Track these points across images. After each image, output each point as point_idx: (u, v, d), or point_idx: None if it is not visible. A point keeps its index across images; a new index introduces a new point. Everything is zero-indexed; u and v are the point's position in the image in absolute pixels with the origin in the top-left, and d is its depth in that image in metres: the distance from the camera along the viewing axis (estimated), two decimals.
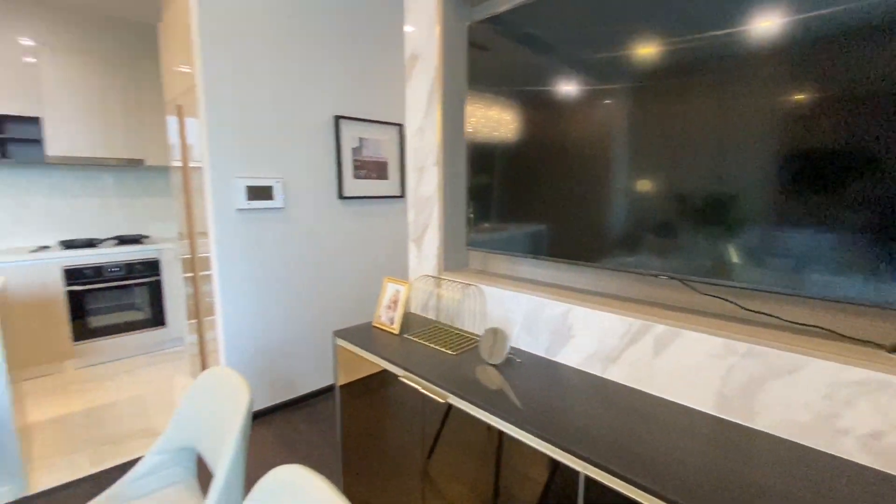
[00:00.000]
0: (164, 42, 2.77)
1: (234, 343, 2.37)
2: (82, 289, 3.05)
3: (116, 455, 2.13)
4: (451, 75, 1.68)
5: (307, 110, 2.50)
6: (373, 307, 2.94)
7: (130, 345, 3.31)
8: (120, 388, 2.83)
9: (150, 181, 3.73)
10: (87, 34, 3.21)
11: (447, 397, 1.22)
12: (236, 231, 2.31)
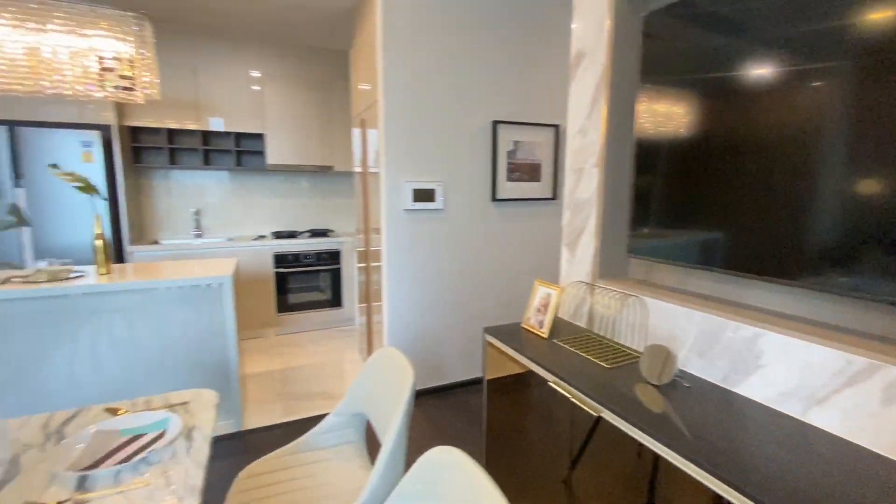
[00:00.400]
0: (354, 65, 3.24)
1: (396, 327, 2.65)
2: (285, 271, 3.78)
3: (301, 410, 2.58)
4: (620, 71, 1.59)
5: (468, 117, 2.65)
6: (520, 308, 2.96)
7: (315, 320, 3.97)
8: (306, 355, 3.42)
9: (337, 184, 4.41)
10: (296, 64, 3.95)
11: (600, 411, 1.16)
12: (403, 229, 2.57)
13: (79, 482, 0.89)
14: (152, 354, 2.16)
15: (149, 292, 2.13)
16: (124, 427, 1.07)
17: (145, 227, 3.74)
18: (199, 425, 1.10)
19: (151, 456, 0.97)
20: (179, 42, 3.51)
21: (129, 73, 2.10)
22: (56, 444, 1.02)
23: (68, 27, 1.98)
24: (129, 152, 3.42)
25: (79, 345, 2.03)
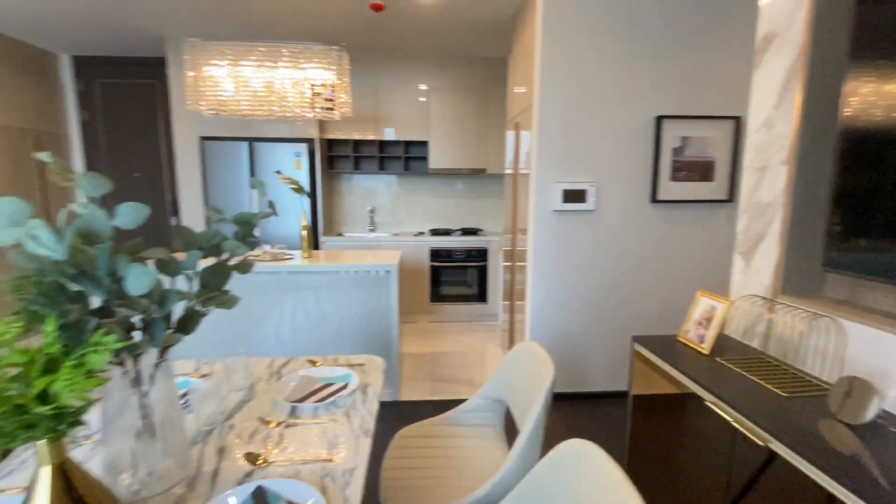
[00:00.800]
0: (512, 70, 3.36)
1: (538, 327, 2.69)
2: (439, 265, 4.14)
3: (447, 392, 2.81)
4: (821, 50, 1.34)
5: (627, 114, 2.52)
6: (676, 319, 2.69)
7: (462, 312, 4.25)
8: (453, 343, 3.70)
9: (487, 185, 4.62)
10: (457, 74, 4.26)
11: (769, 441, 1.02)
12: (551, 230, 2.59)
13: (291, 410, 1.19)
14: (333, 324, 2.63)
15: (335, 274, 2.60)
16: (320, 375, 1.37)
17: (334, 221, 4.52)
18: (371, 384, 1.34)
19: (339, 401, 1.22)
20: (366, 66, 4.14)
21: (331, 96, 2.59)
22: (276, 381, 1.36)
23: (292, 63, 2.55)
24: (325, 160, 4.18)
25: (285, 310, 2.61)
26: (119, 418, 0.79)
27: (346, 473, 0.92)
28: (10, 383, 0.54)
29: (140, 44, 3.86)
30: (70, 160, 4.27)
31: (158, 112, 4.26)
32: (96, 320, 0.63)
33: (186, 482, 0.88)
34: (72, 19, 3.31)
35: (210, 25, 3.45)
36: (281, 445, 1.02)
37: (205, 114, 2.61)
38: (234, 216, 0.80)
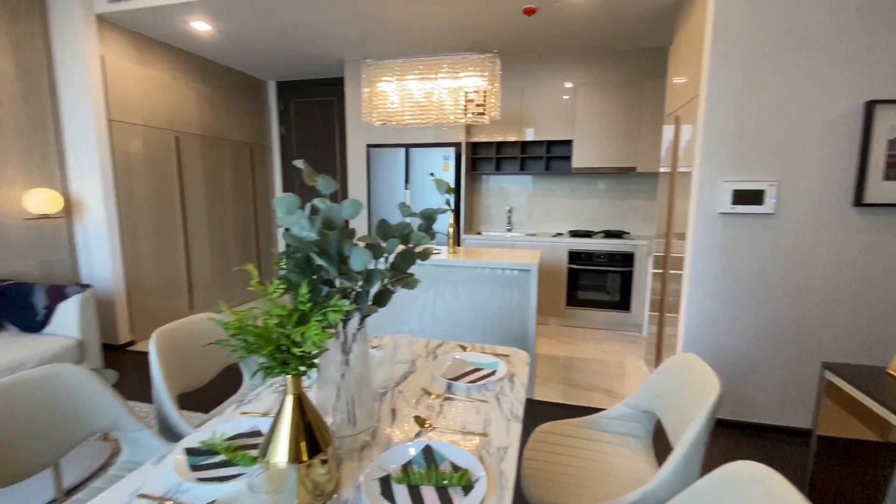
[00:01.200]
0: (672, 61, 3.09)
1: (693, 343, 2.44)
2: (578, 268, 4.02)
3: (580, 398, 2.74)
4: None
5: (821, 101, 2.12)
6: (880, 350, 2.18)
7: (599, 319, 4.06)
8: (589, 350, 3.56)
9: (636, 185, 4.31)
10: (605, 69, 4.06)
11: None
12: (715, 235, 2.32)
13: (447, 386, 1.32)
14: (469, 316, 2.78)
15: (477, 270, 2.74)
16: (470, 360, 1.49)
17: (474, 220, 4.73)
18: (517, 375, 1.41)
19: (489, 385, 1.32)
20: (510, 69, 4.23)
21: (482, 101, 2.74)
22: (433, 359, 1.52)
23: (450, 73, 2.76)
24: (469, 163, 4.41)
25: (427, 299, 2.85)
26: (329, 371, 1.00)
27: (501, 450, 0.99)
28: (276, 329, 0.75)
29: (324, 67, 4.59)
30: (272, 166, 5.30)
31: (336, 124, 5.01)
32: (326, 288, 0.82)
33: (370, 431, 1.06)
34: (278, 53, 4.10)
35: (379, 46, 3.93)
36: (441, 415, 1.15)
37: (375, 125, 3.00)
38: (420, 211, 0.94)
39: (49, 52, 3.18)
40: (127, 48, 3.48)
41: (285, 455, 0.79)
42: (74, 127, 3.25)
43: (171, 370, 1.46)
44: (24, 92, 3.04)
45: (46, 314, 2.59)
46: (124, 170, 3.47)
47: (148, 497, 0.83)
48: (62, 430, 1.18)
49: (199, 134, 4.21)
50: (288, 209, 0.75)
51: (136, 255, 3.61)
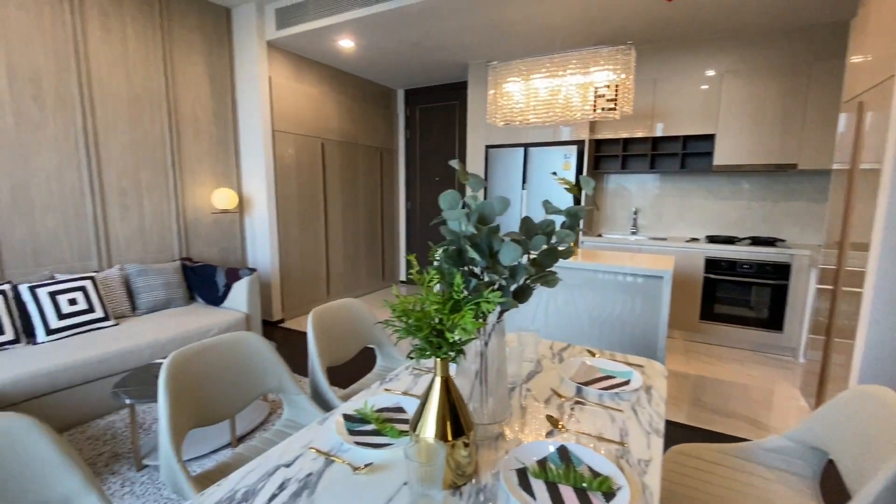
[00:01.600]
0: (856, 37, 2.58)
1: (873, 375, 2.01)
2: (716, 278, 3.58)
3: (714, 423, 2.43)
4: None
5: None
6: None
7: (740, 337, 3.56)
8: (727, 372, 3.15)
9: (795, 185, 3.69)
10: (758, 53, 3.53)
11: None
12: None
13: (577, 390, 1.29)
14: (584, 322, 2.65)
15: (596, 274, 2.61)
16: (600, 366, 1.43)
17: (594, 221, 4.52)
18: (655, 387, 1.32)
19: (623, 394, 1.26)
20: (643, 60, 3.93)
21: (614, 95, 2.60)
22: (559, 362, 1.49)
23: (579, 68, 2.68)
24: (592, 161, 4.21)
25: (540, 299, 2.79)
26: (467, 362, 1.05)
27: (642, 463, 0.94)
28: (434, 314, 0.81)
29: (448, 72, 4.78)
30: (397, 169, 5.70)
31: (456, 127, 5.20)
32: (474, 280, 0.87)
33: (504, 423, 1.08)
34: (408, 62, 4.39)
35: (505, 47, 3.97)
36: (573, 418, 1.13)
37: (498, 125, 3.04)
38: (566, 208, 0.94)
39: (233, 75, 3.84)
40: (287, 67, 4.05)
41: (433, 432, 0.85)
42: (248, 137, 3.89)
43: (323, 345, 1.67)
44: (215, 109, 3.72)
45: (225, 291, 3.15)
46: (281, 173, 4.05)
47: (317, 450, 0.97)
48: (243, 386, 1.43)
49: (339, 140, 4.71)
50: (451, 204, 0.81)
51: (288, 245, 4.19)
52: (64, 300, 2.53)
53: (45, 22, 2.72)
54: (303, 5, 3.48)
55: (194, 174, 3.61)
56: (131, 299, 2.99)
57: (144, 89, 3.23)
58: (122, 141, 3.13)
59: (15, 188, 2.65)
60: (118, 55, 3.07)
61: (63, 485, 0.94)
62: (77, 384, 2.25)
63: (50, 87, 2.76)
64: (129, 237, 3.21)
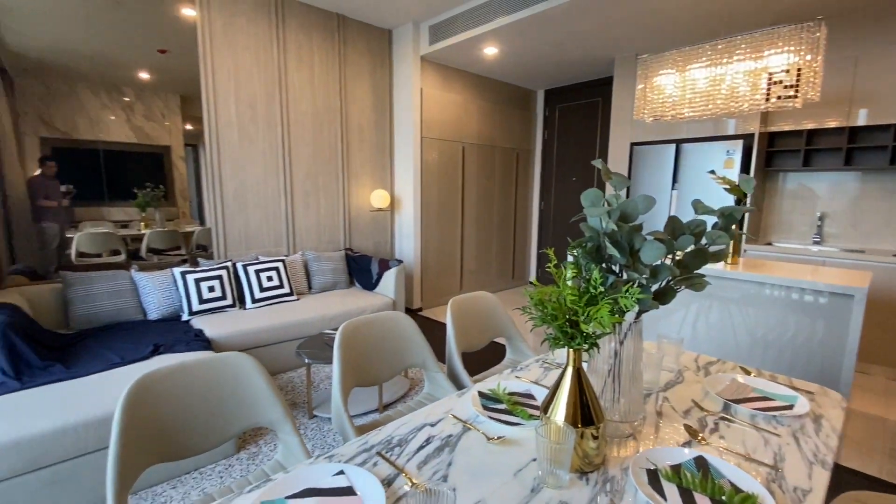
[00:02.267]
0: None
1: None
2: None
3: None
4: None
5: None
6: None
7: None
8: None
9: None
10: None
11: None
12: None
13: (723, 406, 1.19)
14: (743, 341, 2.32)
15: (762, 287, 2.28)
16: (755, 385, 1.29)
17: (762, 227, 3.90)
18: (826, 417, 1.14)
19: (782, 418, 1.12)
20: (841, 35, 3.25)
21: (794, 81, 2.24)
22: (704, 375, 1.39)
23: (749, 54, 2.37)
24: (762, 157, 3.65)
25: (690, 310, 2.53)
26: (601, 359, 1.07)
27: (798, 491, 0.85)
28: (569, 305, 0.86)
29: (591, 69, 4.63)
30: (532, 169, 5.72)
31: (598, 125, 5.00)
32: (613, 277, 0.90)
33: (636, 424, 1.08)
34: (549, 62, 4.38)
35: (657, 38, 3.69)
36: (717, 433, 1.06)
37: (647, 121, 2.86)
38: (719, 208, 0.90)
39: (391, 89, 4.35)
40: (435, 79, 4.41)
41: (562, 417, 0.91)
42: (400, 144, 4.36)
43: (459, 331, 1.83)
44: (376, 120, 4.27)
45: (377, 279, 3.61)
46: (426, 175, 4.43)
47: (456, 417, 1.10)
48: (395, 356, 1.66)
49: (477, 143, 4.94)
50: (593, 202, 0.86)
51: (428, 241, 4.56)
52: (264, 277, 3.22)
53: (261, 59, 3.48)
54: (453, 20, 3.76)
55: (358, 177, 4.19)
56: (308, 280, 3.63)
57: (324, 107, 3.88)
58: (307, 151, 3.81)
59: (236, 190, 3.46)
60: (306, 80, 3.74)
61: (270, 413, 1.25)
62: (270, 343, 2.85)
63: (261, 111, 3.52)
64: (309, 229, 3.90)
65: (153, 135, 3.19)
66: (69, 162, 2.92)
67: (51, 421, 1.63)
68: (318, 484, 0.84)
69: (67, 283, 2.66)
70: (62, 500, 1.65)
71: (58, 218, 2.90)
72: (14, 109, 2.70)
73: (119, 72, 2.98)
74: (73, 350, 2.31)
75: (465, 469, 0.91)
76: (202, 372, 1.18)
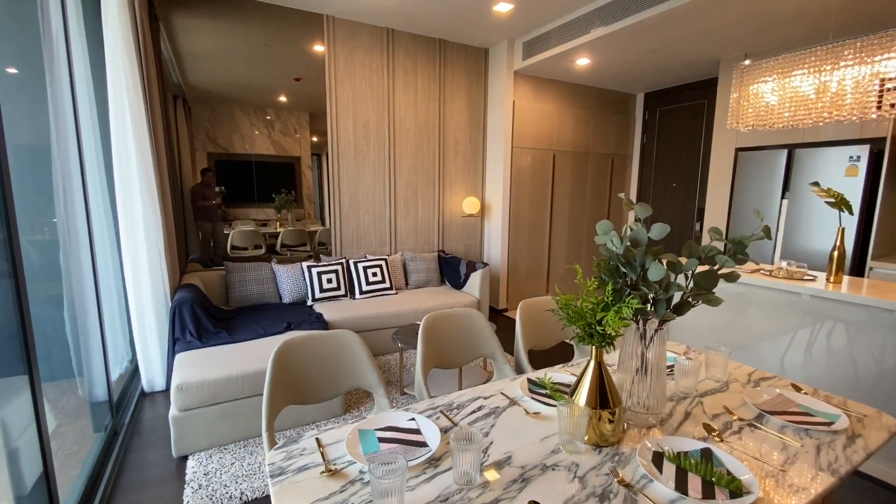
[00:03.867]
0: None
1: None
2: None
3: None
4: None
5: None
6: None
7: None
8: None
9: None
10: None
11: None
12: None
13: (757, 415, 1.29)
14: (837, 366, 2.17)
15: (864, 309, 2.11)
16: (800, 401, 1.35)
17: None
18: (865, 436, 1.18)
19: (813, 432, 1.19)
20: None
21: None
22: (753, 388, 1.46)
23: (858, 59, 2.21)
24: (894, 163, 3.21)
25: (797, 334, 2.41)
26: (629, 359, 1.26)
27: (792, 488, 0.97)
28: (588, 313, 1.09)
29: (696, 70, 4.43)
30: (629, 175, 5.60)
31: (703, 128, 4.75)
32: (629, 290, 1.10)
33: (658, 420, 1.25)
34: (648, 68, 4.31)
35: (765, 38, 3.46)
36: (737, 435, 1.18)
37: (742, 130, 2.77)
38: (730, 237, 1.04)
39: (485, 103, 4.67)
40: (527, 90, 4.62)
41: (584, 400, 1.14)
42: (492, 154, 4.66)
43: (527, 330, 2.08)
44: (470, 133, 4.63)
45: (465, 279, 3.97)
46: (516, 182, 4.67)
47: (504, 395, 1.38)
48: (468, 346, 1.97)
49: (571, 150, 5.02)
50: (604, 231, 1.07)
51: (517, 246, 4.80)
52: (370, 273, 3.77)
53: (374, 85, 4.05)
54: (546, 35, 3.95)
55: (452, 185, 4.60)
56: (405, 277, 4.12)
57: (425, 124, 4.35)
58: (408, 163, 4.31)
59: (351, 197, 4.08)
60: (410, 100, 4.24)
61: (369, 377, 1.65)
62: (373, 329, 3.37)
63: (372, 129, 4.10)
64: (408, 232, 4.41)
65: (287, 147, 3.94)
66: (226, 171, 3.76)
67: (223, 371, 2.27)
68: (397, 424, 1.19)
69: (228, 271, 3.46)
70: (228, 428, 2.28)
71: (212, 216, 3.75)
72: (190, 131, 3.59)
73: (264, 96, 3.76)
74: (231, 322, 3.05)
75: (503, 431, 1.18)
76: (324, 342, 1.62)
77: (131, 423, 2.47)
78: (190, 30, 3.40)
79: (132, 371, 3.03)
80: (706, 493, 0.94)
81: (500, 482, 0.97)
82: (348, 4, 3.57)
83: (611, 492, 0.94)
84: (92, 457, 2.02)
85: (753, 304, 2.59)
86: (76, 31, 2.36)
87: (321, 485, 0.95)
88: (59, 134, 2.06)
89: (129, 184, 2.59)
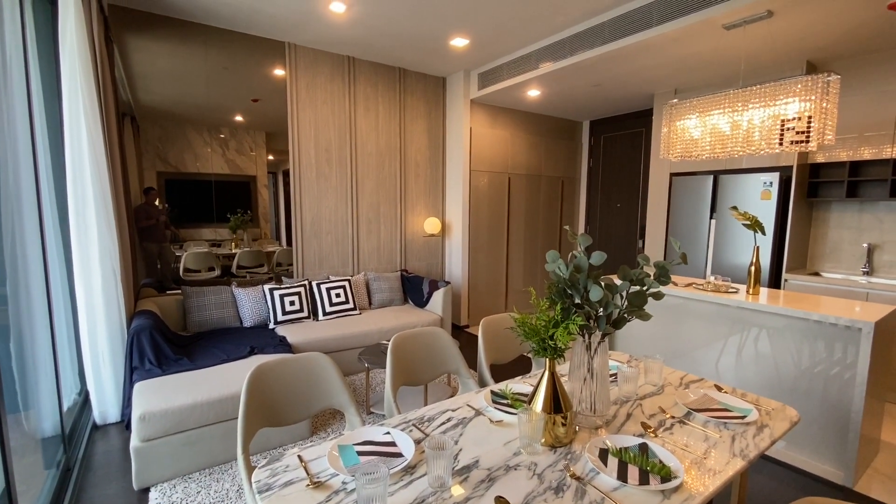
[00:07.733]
0: None
1: None
2: None
3: None
4: None
5: None
6: None
7: None
8: None
9: None
10: None
11: None
12: None
13: (686, 413, 1.49)
14: (770, 370, 2.48)
15: (778, 317, 2.44)
16: (722, 400, 1.57)
17: (809, 257, 3.90)
18: (770, 427, 1.41)
19: (730, 425, 1.41)
20: (874, 68, 3.29)
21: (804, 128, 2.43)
22: (683, 389, 1.68)
23: (764, 103, 2.59)
24: (803, 188, 3.70)
25: (727, 342, 2.72)
26: (577, 368, 1.43)
27: (710, 472, 1.16)
28: (542, 329, 1.26)
29: (634, 102, 4.88)
30: (578, 196, 5.99)
31: (642, 154, 5.20)
32: (575, 309, 1.27)
33: (604, 421, 1.42)
34: (591, 99, 4.70)
35: (691, 77, 3.91)
36: (668, 431, 1.37)
37: (673, 160, 3.12)
38: (654, 262, 1.25)
39: (444, 128, 4.89)
40: (483, 117, 4.89)
41: (541, 407, 1.29)
42: (452, 176, 4.87)
43: (489, 347, 2.23)
44: (430, 157, 4.82)
45: (428, 297, 4.09)
46: (474, 203, 4.89)
47: (470, 407, 1.51)
48: (435, 363, 2.09)
49: (524, 173, 5.33)
50: (553, 259, 1.25)
51: (476, 264, 4.99)
52: (333, 294, 3.82)
53: (336, 110, 4.16)
54: (500, 68, 4.24)
55: (413, 206, 4.75)
56: (369, 297, 4.19)
57: (386, 147, 4.49)
58: (370, 185, 4.43)
59: (313, 219, 4.12)
60: (372, 125, 4.38)
61: (340, 397, 1.73)
62: (338, 350, 3.41)
63: (335, 152, 4.19)
64: (370, 252, 4.49)
65: (242, 166, 3.93)
66: (177, 191, 3.70)
67: (187, 398, 2.25)
68: (373, 438, 1.29)
69: (186, 295, 3.39)
70: (192, 456, 2.25)
71: (157, 236, 3.66)
72: (139, 149, 3.53)
73: (219, 115, 3.76)
74: (192, 348, 3.00)
75: (470, 438, 1.31)
76: (297, 364, 1.69)
77: (85, 458, 2.37)
78: (146, 51, 3.38)
79: (82, 403, 2.89)
80: (642, 480, 1.11)
81: (470, 483, 1.09)
82: (310, 34, 3.69)
83: (564, 485, 1.09)
84: (45, 495, 1.94)
85: (690, 315, 2.89)
86: (31, 53, 2.33)
87: (308, 496, 1.04)
88: (9, 154, 2.01)
89: (84, 209, 2.54)
